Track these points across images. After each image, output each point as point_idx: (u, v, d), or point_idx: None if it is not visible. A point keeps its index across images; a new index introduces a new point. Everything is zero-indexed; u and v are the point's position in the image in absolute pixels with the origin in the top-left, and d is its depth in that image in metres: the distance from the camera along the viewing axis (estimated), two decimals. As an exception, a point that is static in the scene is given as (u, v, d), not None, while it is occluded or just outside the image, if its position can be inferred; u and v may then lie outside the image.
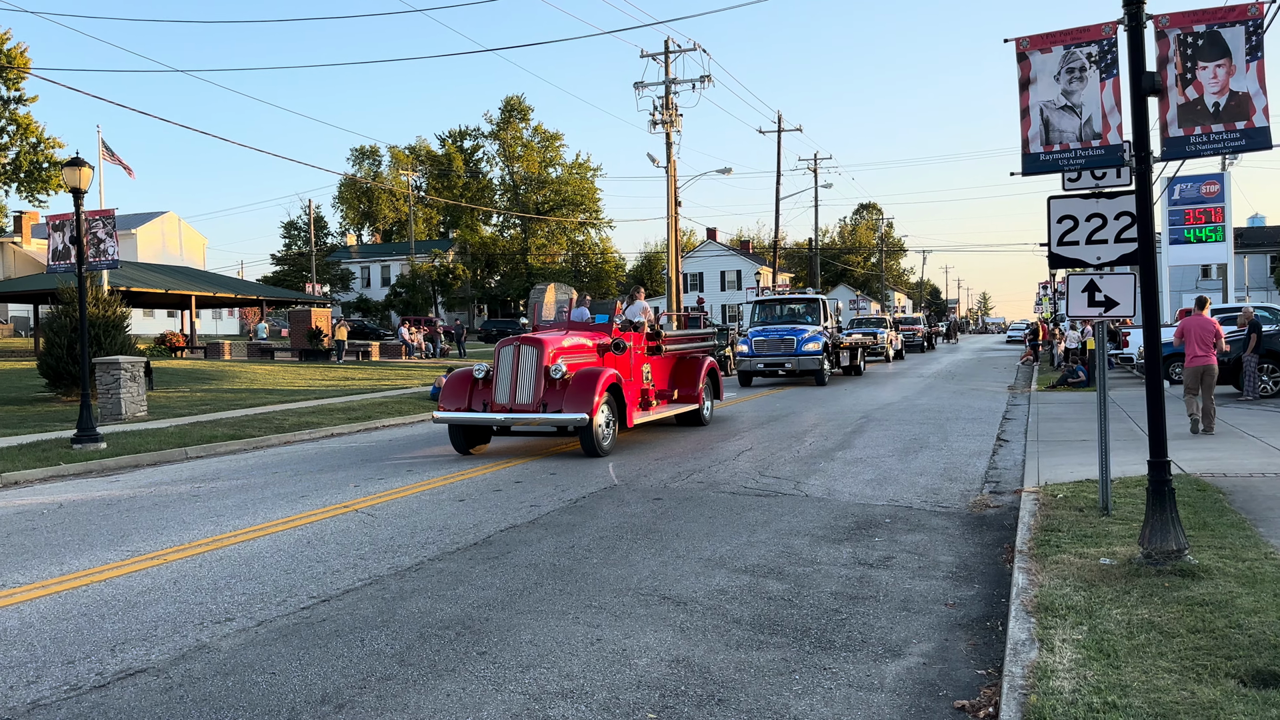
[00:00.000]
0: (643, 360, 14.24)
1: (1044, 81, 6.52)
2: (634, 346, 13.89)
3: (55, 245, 16.57)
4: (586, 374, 12.13)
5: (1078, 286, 7.56)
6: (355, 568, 6.78)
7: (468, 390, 12.58)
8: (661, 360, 15.04)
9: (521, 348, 12.41)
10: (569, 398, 11.86)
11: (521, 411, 12.06)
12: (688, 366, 15.69)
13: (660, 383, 14.99)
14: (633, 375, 13.65)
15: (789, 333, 25.55)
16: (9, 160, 47.31)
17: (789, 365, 24.96)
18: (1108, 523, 7.07)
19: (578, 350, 12.88)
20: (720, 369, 17.69)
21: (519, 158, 78.34)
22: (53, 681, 4.68)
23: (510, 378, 12.30)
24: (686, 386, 15.47)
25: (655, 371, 14.77)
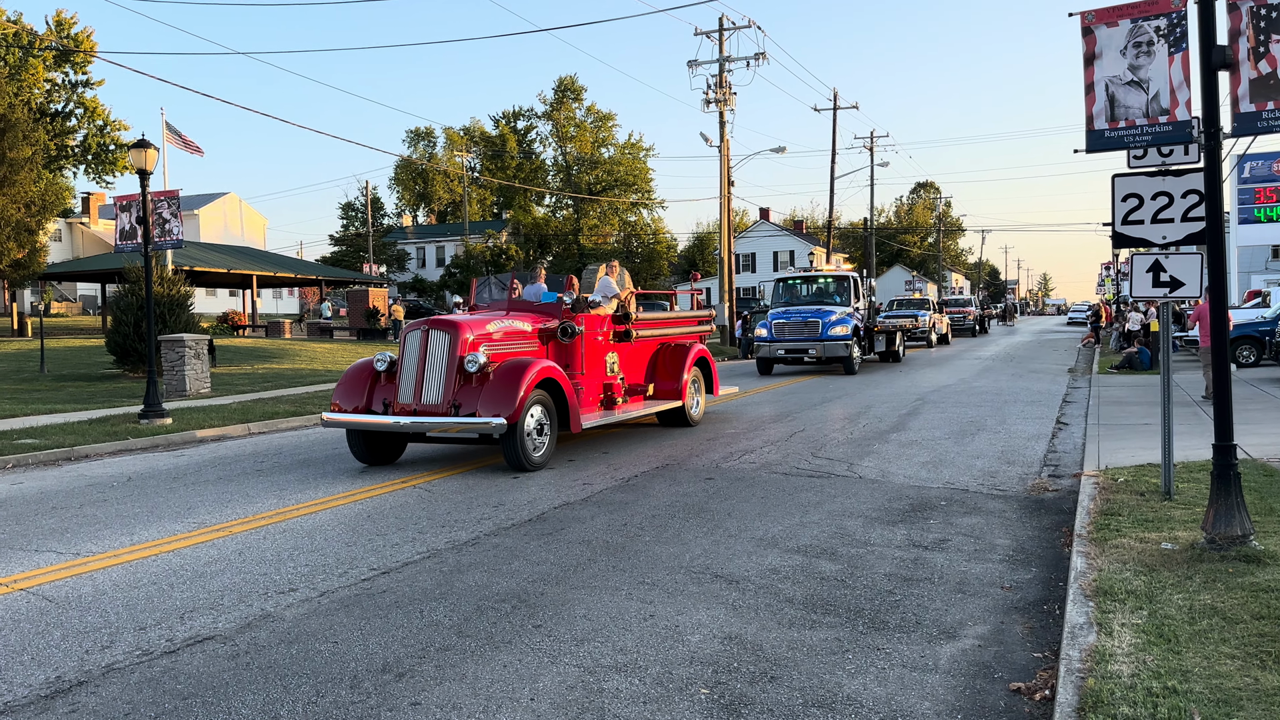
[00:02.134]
0: (606, 348, 11.94)
1: (1110, 56, 6.38)
2: (593, 331, 11.60)
3: (122, 225, 17.01)
4: (512, 366, 9.78)
5: (1142, 266, 7.40)
6: (414, 541, 6.92)
7: (366, 386, 10.26)
8: (633, 348, 12.64)
9: (431, 333, 10.00)
10: (486, 396, 9.51)
11: (428, 414, 9.70)
12: (670, 356, 13.24)
13: (633, 375, 12.65)
14: (585, 367, 11.34)
15: (813, 315, 22.94)
16: (77, 142, 48.55)
17: (813, 351, 22.51)
18: (1170, 507, 6.95)
19: (513, 337, 10.65)
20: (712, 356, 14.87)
21: (572, 138, 78.38)
22: (125, 646, 4.86)
23: (416, 371, 9.96)
24: (667, 379, 13.05)
25: (625, 361, 12.42)
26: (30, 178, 32.45)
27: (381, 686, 4.28)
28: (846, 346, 22.43)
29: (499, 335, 10.49)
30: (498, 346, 10.33)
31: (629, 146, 78.77)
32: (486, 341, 10.20)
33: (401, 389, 10.00)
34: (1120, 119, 6.39)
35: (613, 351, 12.12)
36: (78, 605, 5.54)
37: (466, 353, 9.85)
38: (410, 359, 10.05)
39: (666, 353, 13.32)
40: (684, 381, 13.03)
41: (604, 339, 11.92)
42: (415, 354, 10.03)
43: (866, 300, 25.56)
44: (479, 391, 9.65)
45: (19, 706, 4.14)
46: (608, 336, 12.03)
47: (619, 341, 12.25)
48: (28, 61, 43.54)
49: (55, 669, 4.56)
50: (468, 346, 9.94)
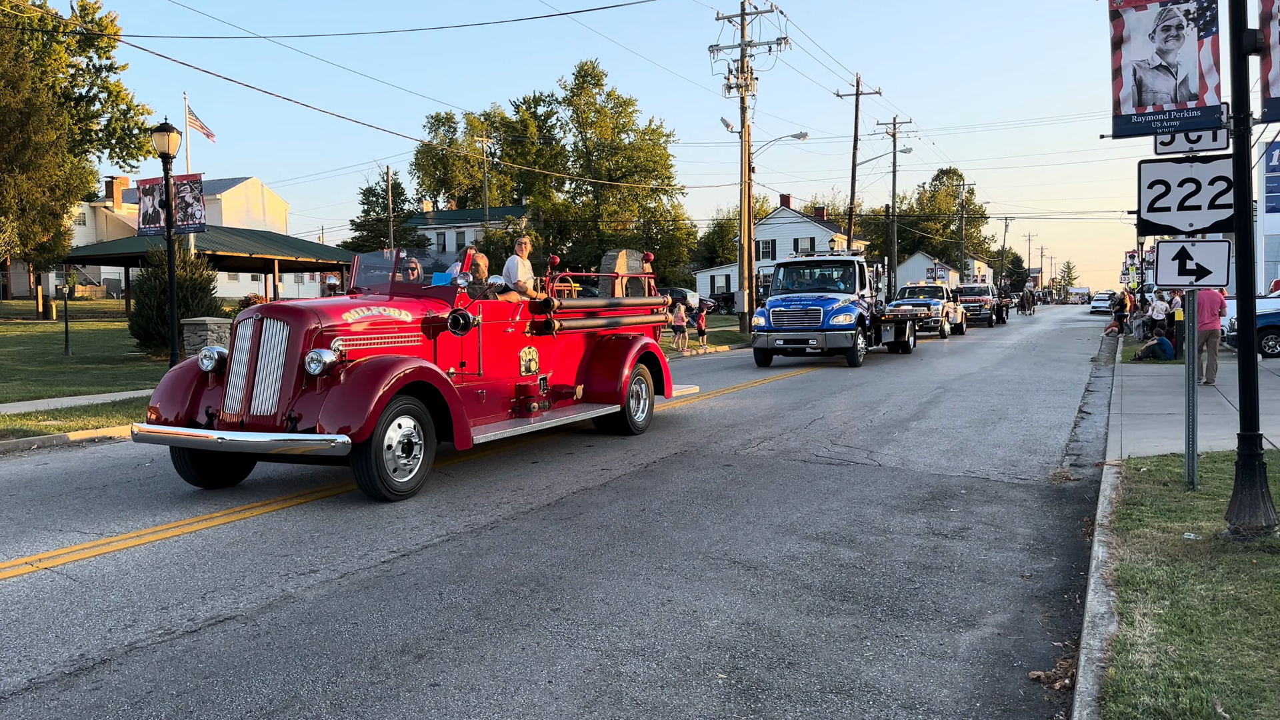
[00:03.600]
0: (520, 342, 9.95)
1: (1138, 40, 6.29)
2: (499, 322, 9.60)
3: (145, 209, 17.15)
4: (369, 367, 7.67)
5: (1168, 254, 7.31)
6: (433, 524, 6.95)
7: (190, 389, 8.19)
8: (560, 342, 10.66)
9: (265, 323, 7.95)
10: (329, 406, 7.44)
11: (258, 428, 7.65)
12: (608, 351, 11.32)
13: (562, 375, 10.76)
14: (487, 365, 9.33)
15: (815, 303, 21.36)
16: (101, 127, 48.92)
17: (814, 342, 20.94)
18: (1193, 497, 6.89)
19: (382, 329, 8.44)
20: None
21: (592, 124, 78.27)
22: (148, 626, 4.91)
23: (245, 372, 7.87)
24: (603, 379, 11.09)
25: (549, 358, 10.43)
26: (55, 162, 32.74)
27: (401, 667, 4.30)
28: (850, 337, 20.84)
29: (361, 326, 8.27)
30: (359, 341, 8.15)
31: (649, 132, 78.58)
32: (342, 334, 8.03)
33: (229, 395, 7.90)
34: (1148, 104, 6.30)
35: (530, 346, 10.10)
36: (101, 584, 5.60)
37: (310, 349, 7.75)
38: (240, 357, 7.96)
39: (604, 348, 11.39)
40: (623, 381, 11.04)
41: (516, 331, 9.89)
42: (246, 350, 7.93)
43: (873, 287, 24.16)
44: (323, 398, 7.58)
45: (44, 683, 4.19)
46: (521, 329, 9.97)
47: (539, 334, 10.21)
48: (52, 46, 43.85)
49: (79, 647, 4.62)
50: (313, 341, 7.82)
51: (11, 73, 30.51)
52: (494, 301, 9.64)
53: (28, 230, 30.86)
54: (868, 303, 22.66)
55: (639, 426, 11.49)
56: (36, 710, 3.92)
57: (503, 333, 9.73)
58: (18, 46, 32.60)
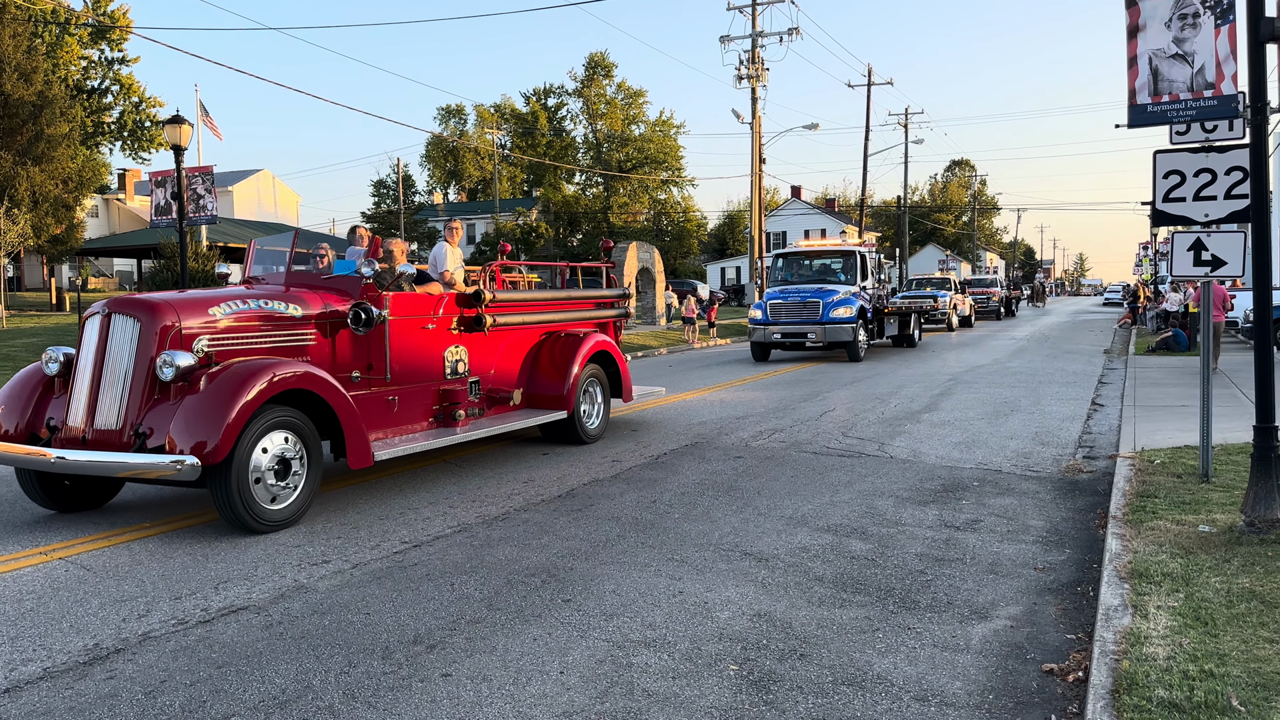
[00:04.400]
0: (445, 340, 8.70)
1: (1154, 28, 6.23)
2: (417, 317, 8.37)
3: (157, 201, 17.21)
4: (232, 373, 6.42)
5: (1183, 245, 7.26)
6: (444, 515, 6.97)
7: (33, 397, 7.02)
8: (494, 340, 9.34)
9: (114, 319, 6.77)
10: (180, 420, 6.25)
11: (101, 444, 6.47)
12: (555, 351, 10.04)
13: (498, 377, 9.46)
14: (398, 367, 8.07)
15: (814, 295, 20.43)
16: (113, 119, 49.08)
17: (813, 335, 20.07)
18: (1208, 490, 6.84)
19: (263, 325, 7.15)
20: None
21: (602, 115, 78.12)
22: (161, 615, 4.93)
23: (90, 378, 6.68)
24: (548, 381, 9.84)
25: (480, 358, 9.16)
26: (68, 154, 32.87)
27: (413, 657, 4.31)
28: (850, 330, 19.95)
29: (233, 323, 6.99)
30: (231, 341, 6.93)
31: (660, 124, 78.40)
32: (208, 333, 6.81)
33: (72, 405, 6.72)
34: (1164, 93, 6.25)
35: (458, 345, 8.82)
36: (115, 574, 5.63)
37: (164, 350, 6.53)
38: (85, 360, 6.76)
39: (551, 347, 10.13)
40: (571, 384, 9.77)
41: (440, 328, 8.63)
42: (91, 352, 6.73)
43: (876, 278, 23.06)
44: (176, 411, 6.33)
45: (58, 672, 4.21)
46: (446, 325, 8.70)
47: (468, 331, 8.96)
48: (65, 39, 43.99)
49: (93, 636, 4.64)
50: (169, 340, 6.60)
51: (24, 65, 30.63)
52: (410, 294, 8.40)
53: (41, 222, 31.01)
54: (870, 294, 21.81)
55: (591, 434, 10.20)
56: (51, 699, 3.94)
57: (421, 330, 8.42)
58: (31, 39, 32.71)
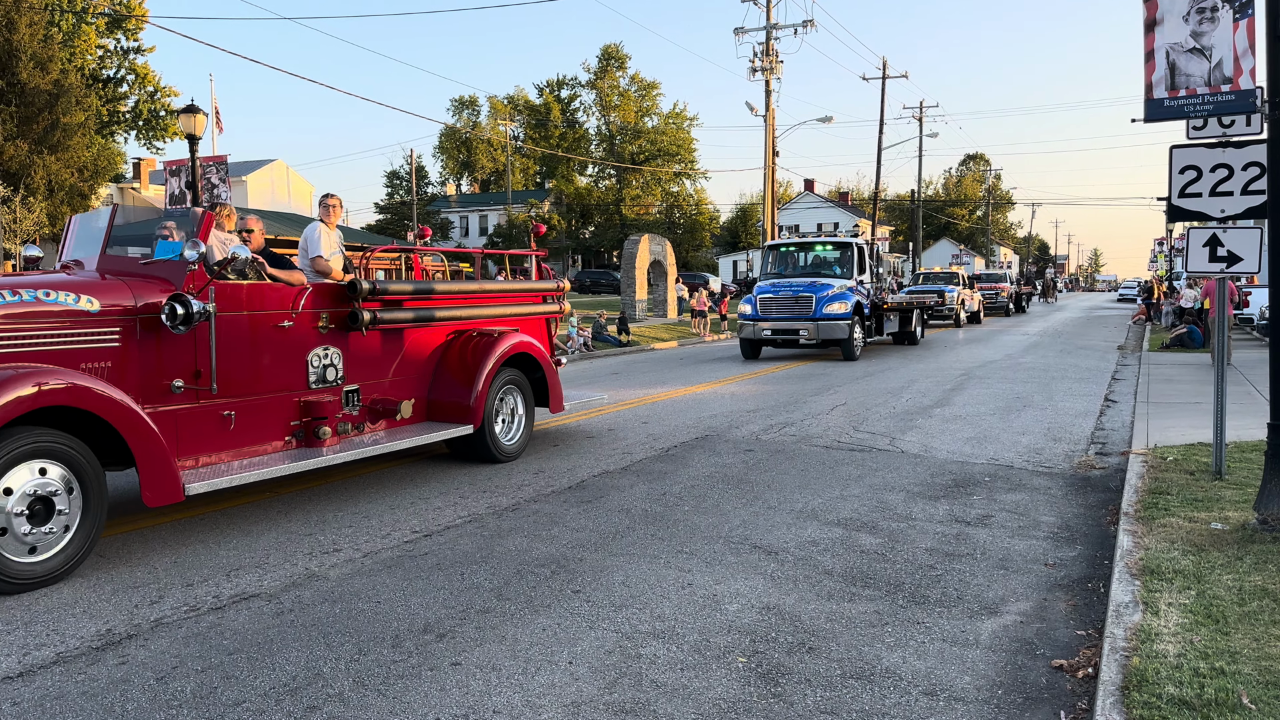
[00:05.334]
0: (311, 340, 7.22)
1: (1172, 22, 6.19)
2: (270, 312, 6.88)
3: (172, 190, 17.27)
4: None
5: (1199, 240, 7.21)
6: (455, 505, 6.99)
7: None
8: (378, 341, 7.88)
9: None
10: None
11: None
12: (463, 353, 8.60)
13: (384, 384, 7.96)
14: (231, 375, 6.53)
15: (806, 289, 19.27)
16: (128, 108, 49.26)
17: (805, 332, 18.93)
18: (1220, 487, 6.81)
19: (40, 325, 5.66)
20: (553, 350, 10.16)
21: (615, 107, 78.05)
22: (173, 602, 4.96)
23: None
24: (452, 390, 8.39)
25: (359, 362, 7.68)
26: (83, 143, 32.99)
27: (423, 646, 4.33)
28: (845, 327, 18.84)
29: None
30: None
31: (673, 116, 78.27)
32: None
33: None
34: (1181, 87, 6.21)
35: (328, 347, 7.35)
36: (128, 561, 5.67)
37: None
38: None
39: (457, 349, 8.67)
40: (478, 393, 8.30)
41: (302, 326, 7.14)
42: None
43: (874, 272, 22.04)
44: None
45: (71, 657, 4.25)
46: (312, 323, 7.23)
47: (344, 330, 7.51)
48: (81, 28, 44.14)
49: (106, 622, 4.68)
50: None
51: (41, 54, 30.75)
52: (255, 285, 6.85)
53: (56, 210, 31.14)
54: (868, 289, 20.77)
55: (507, 451, 8.73)
56: (64, 684, 3.97)
57: (273, 328, 6.90)
58: (47, 28, 32.85)
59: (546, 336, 10.10)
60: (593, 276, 63.70)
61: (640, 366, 18.82)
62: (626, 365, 19.38)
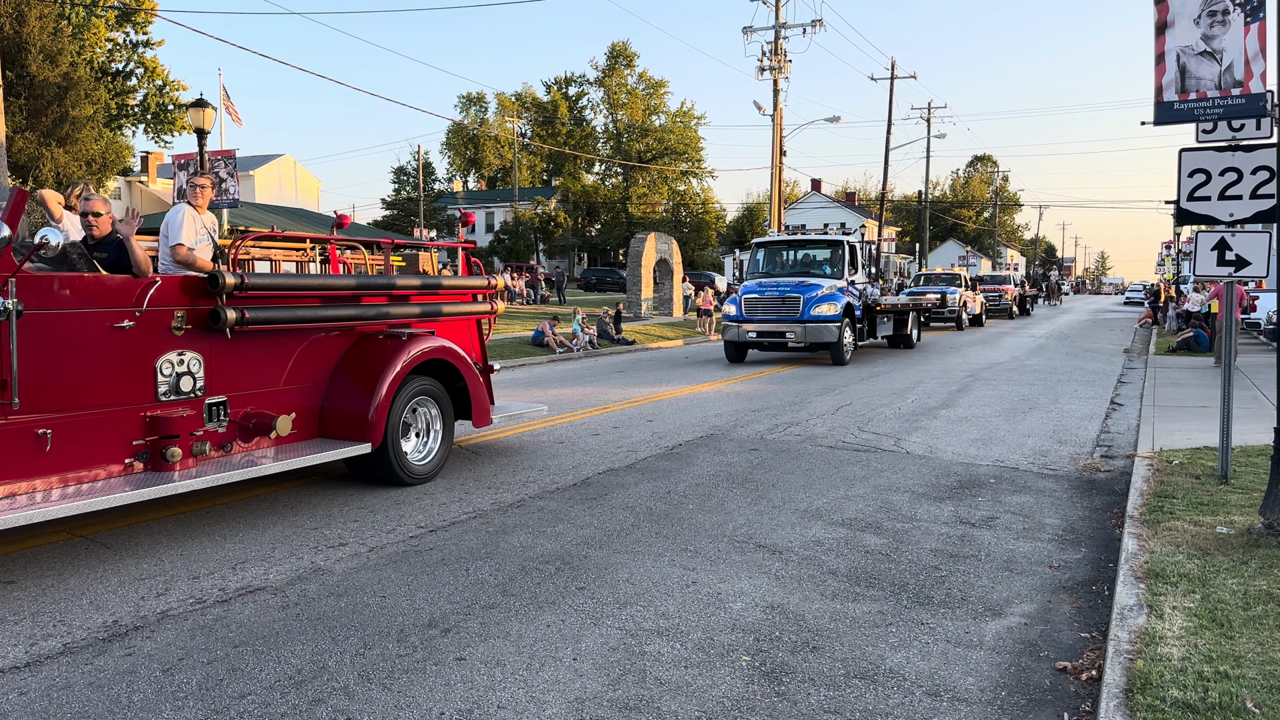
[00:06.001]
0: (162, 344, 6.14)
1: (1182, 25, 6.18)
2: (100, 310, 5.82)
3: (179, 184, 17.30)
4: None
5: (1207, 244, 7.20)
6: (460, 501, 7.00)
7: None
8: (251, 345, 6.74)
9: None
10: None
11: None
12: (363, 358, 7.45)
13: (259, 396, 6.81)
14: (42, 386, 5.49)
15: (794, 289, 18.34)
16: (137, 102, 49.35)
17: (792, 335, 18.05)
18: (1226, 491, 6.80)
19: None
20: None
21: (623, 105, 78.02)
22: (180, 594, 4.98)
23: None
24: (347, 401, 7.26)
25: (229, 369, 6.58)
26: (92, 136, 33.06)
27: (428, 641, 4.35)
28: (834, 330, 17.93)
29: None
30: None
31: (680, 114, 78.23)
32: None
33: None
34: (1191, 91, 6.20)
35: (184, 351, 6.27)
36: (134, 553, 5.69)
37: None
38: None
39: (356, 354, 7.53)
40: (378, 405, 7.16)
41: (148, 326, 6.05)
42: None
43: (868, 271, 20.95)
44: None
45: (78, 648, 4.27)
46: (161, 322, 6.14)
47: (208, 332, 6.40)
48: (90, 21, 44.23)
49: (112, 614, 4.70)
50: None
51: (50, 47, 30.83)
52: (80, 277, 5.79)
53: None
54: (860, 289, 19.79)
55: (417, 472, 7.62)
56: (71, 674, 3.99)
57: (108, 329, 5.87)
58: (57, 21, 32.93)
59: (477, 339, 9.07)
60: (598, 275, 63.75)
61: (645, 365, 18.83)
62: (631, 364, 19.39)
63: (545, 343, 21.43)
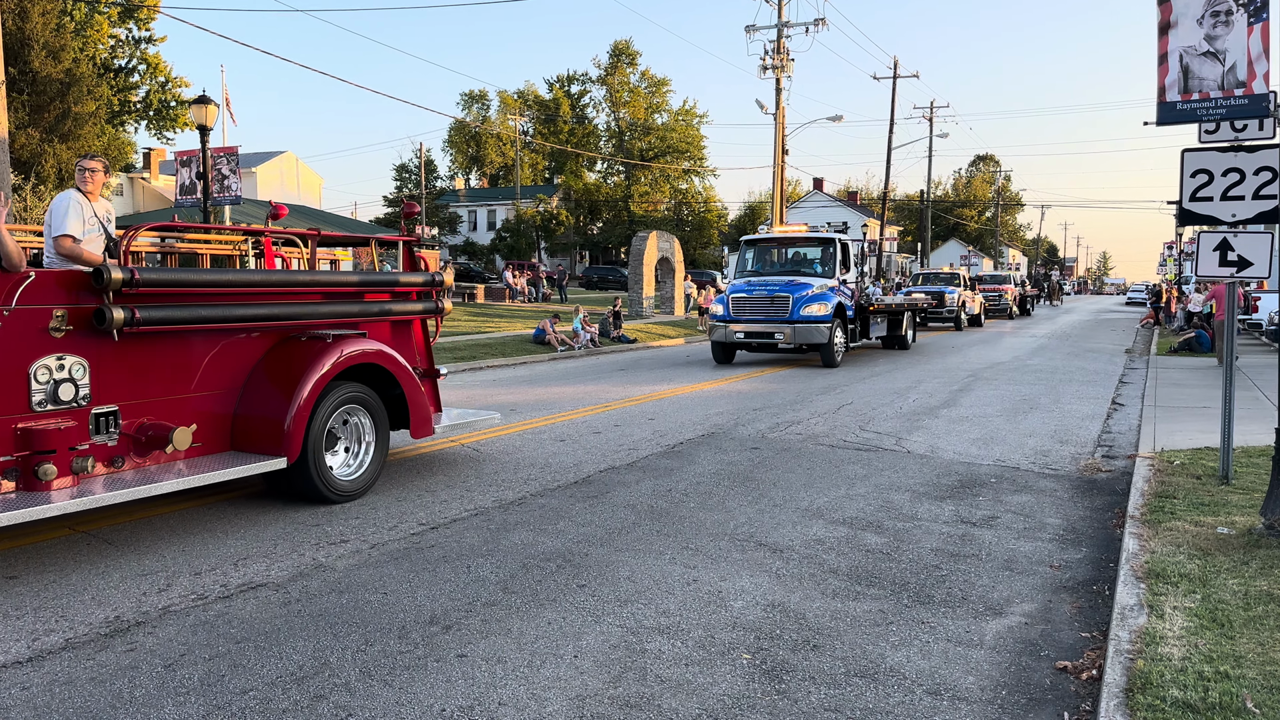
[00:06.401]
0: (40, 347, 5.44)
1: (1185, 25, 6.18)
2: None
3: (182, 180, 17.32)
4: None
5: (1209, 245, 7.20)
6: (461, 499, 7.01)
7: None
8: (146, 348, 5.99)
9: None
10: None
11: None
12: (279, 364, 6.73)
13: (161, 406, 6.08)
14: None
15: (783, 289, 17.73)
16: (139, 98, 49.37)
17: (780, 336, 17.46)
18: (1227, 492, 6.80)
19: None
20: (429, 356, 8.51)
21: (625, 103, 78.01)
22: (181, 590, 4.99)
23: None
24: (261, 411, 6.53)
25: (120, 376, 5.83)
26: (94, 132, 33.07)
27: (429, 638, 4.35)
28: (824, 330, 17.30)
29: None
30: None
31: (683, 113, 78.21)
32: None
33: None
34: (1194, 91, 6.20)
35: (68, 355, 5.55)
36: (136, 549, 5.70)
37: None
38: None
39: (275, 358, 6.79)
40: (295, 414, 6.42)
41: (17, 326, 5.32)
42: None
43: (859, 270, 19.82)
44: None
45: (80, 643, 4.28)
46: (36, 322, 5.42)
47: (94, 334, 5.68)
48: (93, 17, 44.24)
49: (114, 609, 4.70)
50: None
51: (53, 43, 30.84)
52: None
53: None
54: (852, 289, 19.15)
55: (344, 489, 6.91)
56: (73, 669, 4.00)
57: None
58: (59, 17, 32.94)
59: (420, 341, 8.23)
60: (600, 273, 63.74)
61: (647, 363, 18.83)
62: (633, 362, 19.39)
63: (546, 340, 21.44)
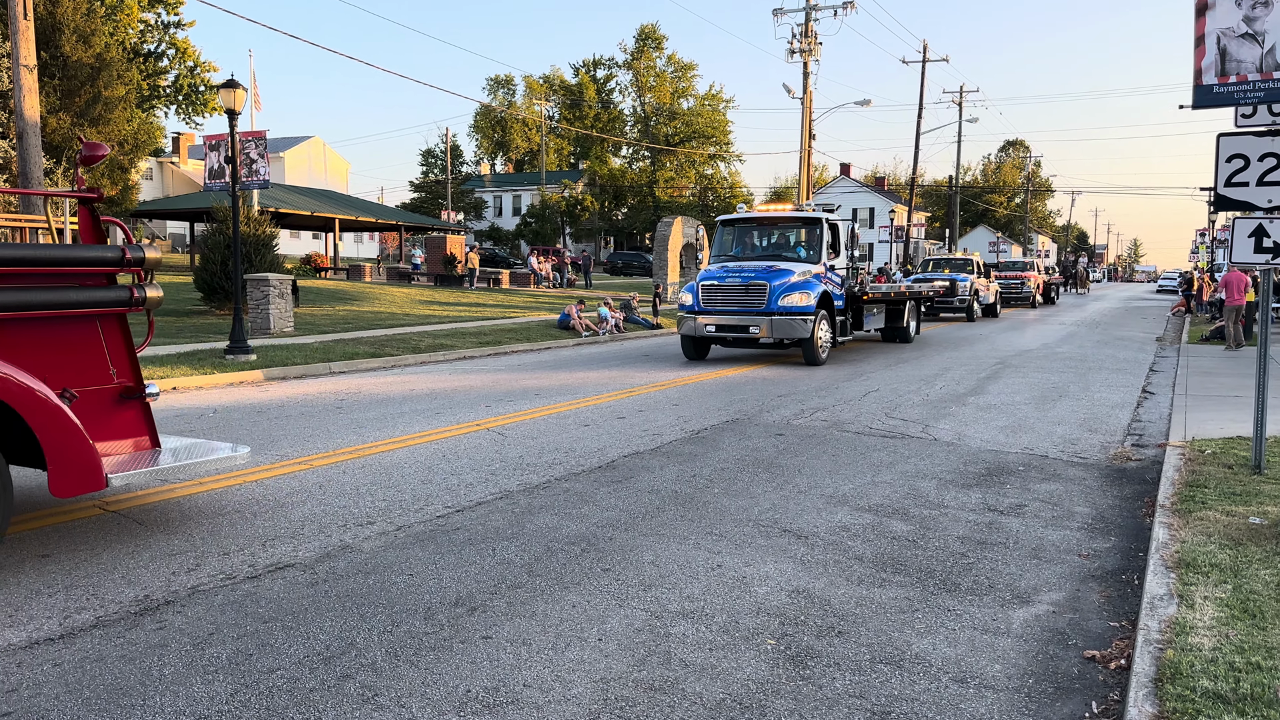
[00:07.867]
0: None
1: (1223, 6, 6.05)
2: None
3: (211, 165, 17.42)
4: None
5: (1244, 231, 7.08)
6: (487, 482, 7.03)
7: None
8: None
9: None
10: None
11: None
12: None
13: None
14: None
15: (760, 275, 15.53)
16: (168, 83, 49.75)
17: (757, 330, 15.30)
18: (1260, 481, 6.71)
19: None
20: None
21: (651, 88, 77.77)
22: (210, 570, 5.04)
23: None
24: None
25: None
26: (124, 117, 33.35)
27: (454, 619, 4.37)
28: (806, 324, 15.20)
29: None
30: None
31: (709, 98, 77.87)
32: None
33: None
34: (1231, 74, 6.08)
35: None
36: (165, 529, 5.77)
37: None
38: None
39: None
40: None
41: None
42: None
43: (849, 254, 17.79)
44: None
45: (110, 621, 4.33)
46: None
47: None
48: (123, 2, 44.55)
49: (144, 588, 4.76)
50: None
51: (84, 28, 31.09)
52: None
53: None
54: (842, 276, 17.05)
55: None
56: (104, 646, 4.05)
57: None
58: (90, 2, 33.19)
59: (117, 348, 5.82)
60: (625, 258, 63.72)
61: (671, 349, 18.80)
62: (658, 347, 19.37)
63: (571, 326, 21.46)
